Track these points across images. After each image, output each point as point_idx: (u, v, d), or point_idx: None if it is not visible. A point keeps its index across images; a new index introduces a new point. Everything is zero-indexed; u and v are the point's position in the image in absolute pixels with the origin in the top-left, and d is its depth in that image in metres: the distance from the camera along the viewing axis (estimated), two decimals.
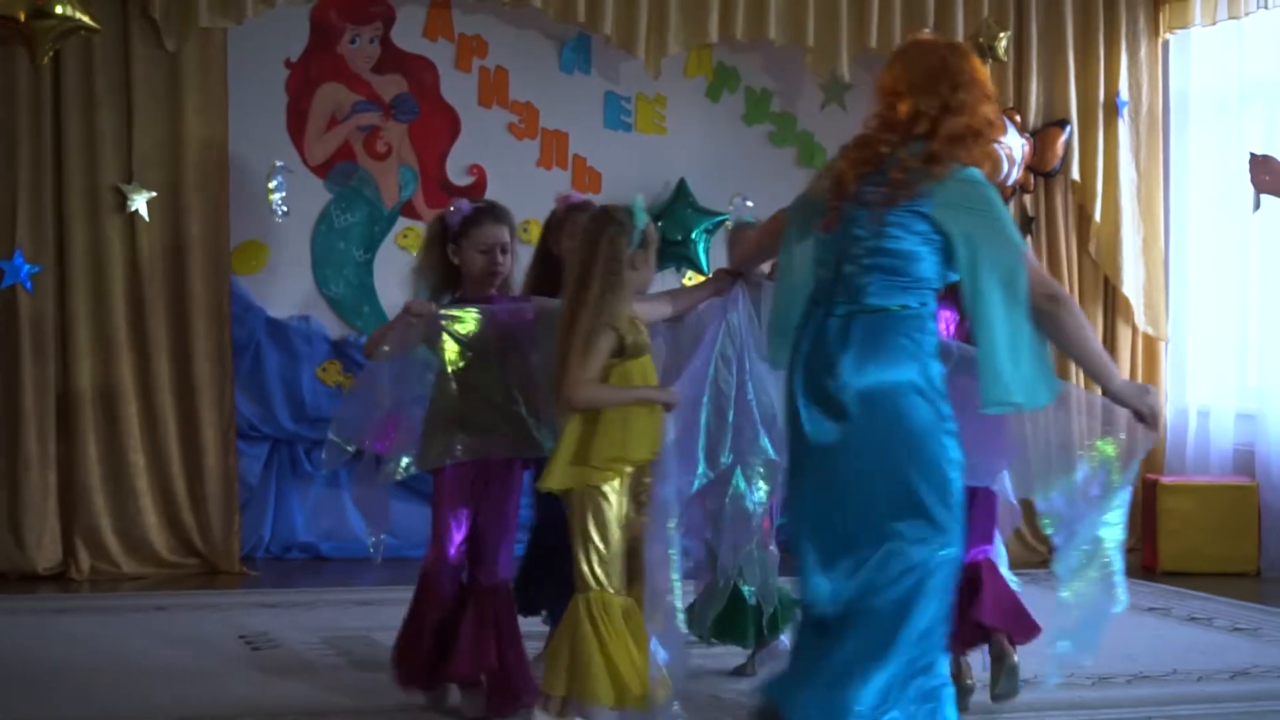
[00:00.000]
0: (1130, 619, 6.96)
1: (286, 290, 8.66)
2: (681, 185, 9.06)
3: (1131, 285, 9.20)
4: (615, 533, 4.65)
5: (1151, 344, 9.35)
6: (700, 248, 9.01)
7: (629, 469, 4.66)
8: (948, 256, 4.21)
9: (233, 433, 8.21)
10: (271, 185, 8.63)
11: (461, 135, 8.88)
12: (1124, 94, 9.23)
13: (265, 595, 7.48)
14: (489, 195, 8.78)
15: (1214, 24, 8.93)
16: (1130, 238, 9.22)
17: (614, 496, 4.65)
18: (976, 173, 4.24)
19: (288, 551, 8.58)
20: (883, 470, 4.18)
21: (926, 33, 5.07)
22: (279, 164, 8.63)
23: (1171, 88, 9.40)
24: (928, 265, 4.21)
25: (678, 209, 9.00)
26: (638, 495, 4.70)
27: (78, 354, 7.93)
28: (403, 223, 8.82)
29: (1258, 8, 8.57)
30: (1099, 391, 4.45)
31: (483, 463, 5.21)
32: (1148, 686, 5.66)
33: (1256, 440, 8.60)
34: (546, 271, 5.56)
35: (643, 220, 4.68)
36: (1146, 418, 4.37)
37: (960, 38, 8.85)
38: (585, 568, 4.65)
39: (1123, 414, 4.45)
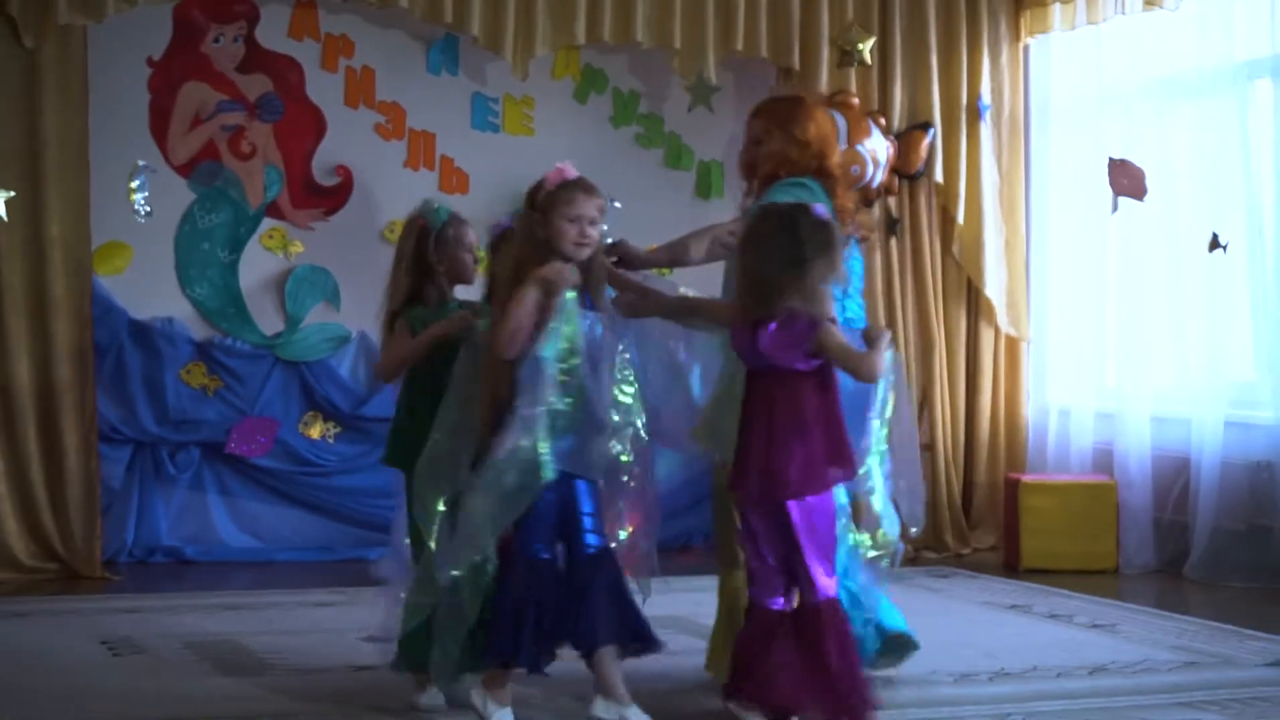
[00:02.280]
0: (992, 616, 7.06)
1: (149, 291, 8.55)
2: None
3: (994, 286, 9.30)
4: None
5: (1013, 345, 9.46)
6: None
7: None
8: None
9: (94, 435, 8.09)
10: (134, 185, 8.52)
11: (327, 135, 8.81)
12: (986, 98, 9.34)
13: (128, 600, 7.37)
14: (355, 196, 8.78)
15: (1073, 29, 9.05)
16: (992, 239, 9.32)
17: None
18: None
19: (151, 556, 8.46)
20: None
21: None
22: (141, 163, 8.52)
23: (1032, 92, 9.51)
24: None
25: None
26: None
27: None
28: (268, 223, 8.73)
29: (1115, 14, 8.69)
30: None
31: None
32: (1008, 684, 5.71)
33: (1115, 439, 8.72)
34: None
35: None
36: None
37: (826, 42, 8.95)
38: None
39: None
